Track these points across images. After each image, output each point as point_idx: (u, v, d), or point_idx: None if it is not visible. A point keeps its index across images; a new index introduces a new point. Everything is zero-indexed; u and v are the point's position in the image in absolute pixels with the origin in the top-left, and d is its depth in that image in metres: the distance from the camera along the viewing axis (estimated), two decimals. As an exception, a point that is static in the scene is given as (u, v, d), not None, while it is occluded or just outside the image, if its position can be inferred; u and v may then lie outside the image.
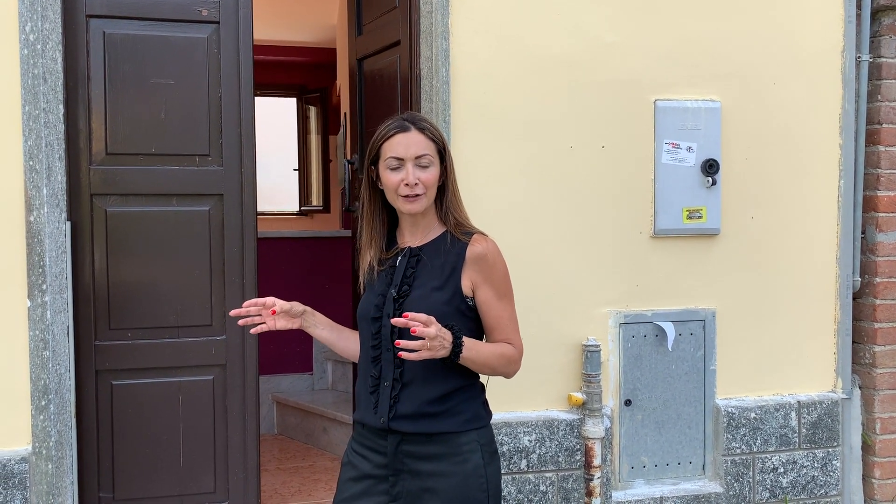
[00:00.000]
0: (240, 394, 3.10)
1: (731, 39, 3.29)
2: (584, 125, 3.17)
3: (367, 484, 1.97)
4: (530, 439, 3.14)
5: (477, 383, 2.00)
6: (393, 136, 1.93)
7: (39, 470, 2.77)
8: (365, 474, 1.97)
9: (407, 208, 1.93)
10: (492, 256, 1.95)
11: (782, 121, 3.36)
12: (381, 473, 1.95)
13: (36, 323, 2.76)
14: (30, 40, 2.74)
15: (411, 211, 1.94)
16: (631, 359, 3.25)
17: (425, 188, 1.92)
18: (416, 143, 1.92)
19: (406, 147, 1.92)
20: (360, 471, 1.98)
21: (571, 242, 3.19)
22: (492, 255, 1.95)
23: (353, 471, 2.00)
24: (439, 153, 1.96)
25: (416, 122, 1.95)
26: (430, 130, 1.95)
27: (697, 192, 3.25)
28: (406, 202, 1.93)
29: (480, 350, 1.91)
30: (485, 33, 3.07)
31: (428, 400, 1.91)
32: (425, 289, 1.93)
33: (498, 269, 1.96)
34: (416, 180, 1.91)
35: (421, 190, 1.92)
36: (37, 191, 2.75)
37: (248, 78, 3.07)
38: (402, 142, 1.92)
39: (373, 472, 1.96)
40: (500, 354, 1.95)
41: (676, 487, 3.30)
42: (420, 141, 1.93)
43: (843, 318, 3.44)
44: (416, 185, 1.91)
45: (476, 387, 2.00)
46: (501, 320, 1.96)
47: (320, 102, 8.80)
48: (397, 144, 1.93)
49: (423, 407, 1.91)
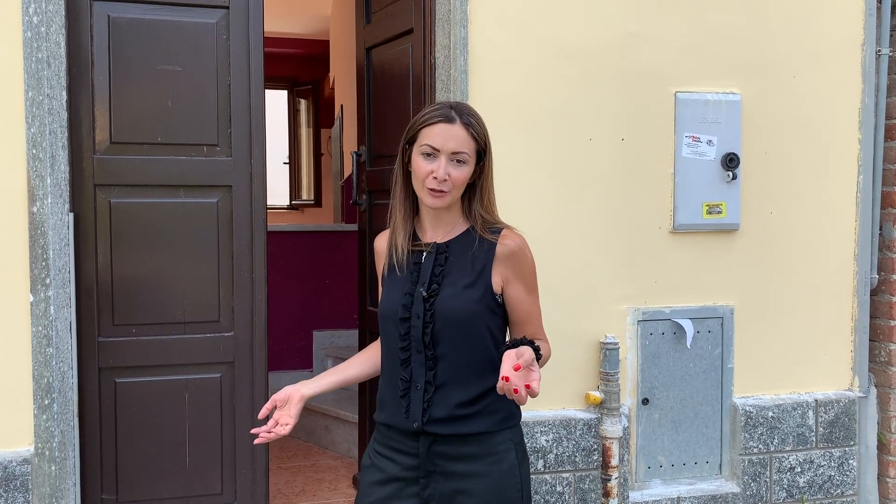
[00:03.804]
0: (248, 392, 2.99)
1: (752, 32, 3.23)
2: (604, 117, 3.10)
3: (395, 487, 1.88)
4: (547, 439, 3.06)
5: None
6: (435, 124, 1.83)
7: (42, 472, 2.66)
8: (393, 477, 1.88)
9: (429, 201, 1.84)
10: (522, 252, 1.90)
11: (802, 114, 3.30)
12: (410, 476, 1.87)
13: (39, 319, 2.65)
14: (33, 22, 2.61)
15: (433, 205, 1.84)
16: (649, 357, 3.18)
17: (452, 185, 1.83)
18: (456, 138, 1.82)
19: (445, 139, 1.82)
20: (386, 473, 1.89)
21: (589, 237, 3.11)
22: (522, 251, 1.90)
23: (378, 473, 1.90)
24: (478, 152, 1.86)
25: (463, 116, 1.84)
26: (475, 127, 1.85)
27: (717, 187, 3.19)
28: (430, 195, 1.83)
29: (543, 351, 1.89)
30: (504, 21, 2.99)
31: (462, 402, 1.84)
32: (456, 287, 1.85)
33: (528, 265, 1.91)
34: (446, 176, 1.81)
35: (448, 187, 1.82)
36: (40, 181, 2.63)
37: (259, 65, 2.96)
38: (441, 132, 1.82)
39: (401, 474, 1.87)
40: (547, 354, 1.95)
41: (693, 487, 3.24)
42: (461, 136, 1.82)
43: (861, 315, 3.40)
44: (444, 182, 1.81)
45: None
46: (532, 315, 1.93)
47: (312, 95, 8.67)
48: (437, 134, 1.82)
49: (458, 409, 1.83)
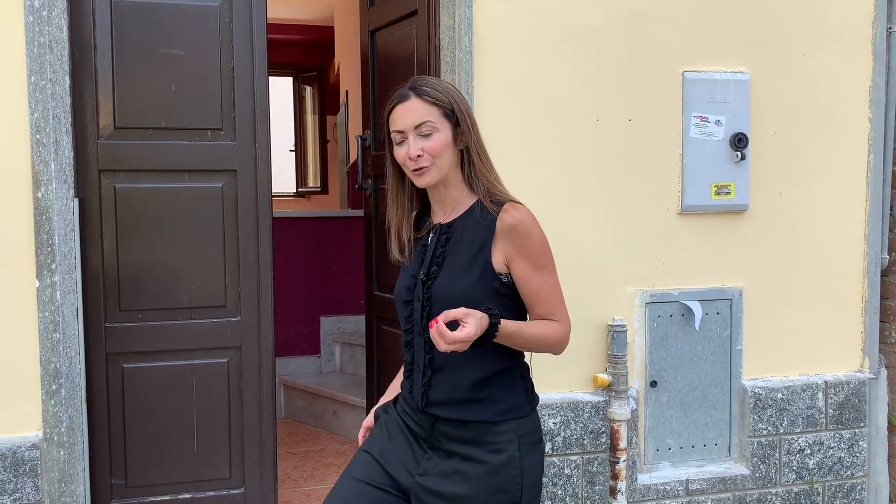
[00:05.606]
0: (255, 376, 2.99)
1: (761, 9, 3.19)
2: (611, 97, 3.07)
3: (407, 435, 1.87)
4: (555, 422, 3.05)
5: (516, 368, 1.85)
6: (394, 110, 1.81)
7: (51, 456, 2.66)
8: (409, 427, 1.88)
9: (418, 182, 1.81)
10: (524, 226, 1.77)
11: (811, 93, 3.26)
12: (420, 439, 1.86)
13: (45, 304, 2.64)
14: (35, 6, 2.60)
15: (423, 184, 1.81)
16: (657, 339, 3.16)
17: (432, 157, 1.78)
18: (414, 112, 1.78)
19: (405, 118, 1.78)
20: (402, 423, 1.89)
21: (597, 218, 3.09)
22: (524, 225, 1.77)
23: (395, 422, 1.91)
24: (448, 116, 1.80)
25: (417, 88, 1.80)
26: (431, 94, 1.79)
27: (726, 168, 3.16)
28: (416, 176, 1.80)
29: (523, 331, 1.76)
30: (509, 1, 2.95)
31: (462, 386, 1.80)
32: (454, 269, 1.80)
33: (533, 239, 1.78)
34: (420, 151, 1.77)
35: (427, 161, 1.78)
36: (44, 166, 2.62)
37: (262, 48, 2.94)
38: (401, 114, 1.79)
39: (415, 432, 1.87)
40: (542, 335, 1.79)
41: (702, 469, 3.22)
42: (418, 108, 1.78)
43: (871, 296, 3.37)
44: (419, 157, 1.77)
45: (516, 372, 1.85)
46: (542, 294, 1.80)
47: (317, 82, 8.64)
48: (398, 117, 1.80)
49: (457, 393, 1.80)
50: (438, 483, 1.79)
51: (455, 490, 1.77)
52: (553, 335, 1.81)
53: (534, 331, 1.79)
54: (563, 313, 1.83)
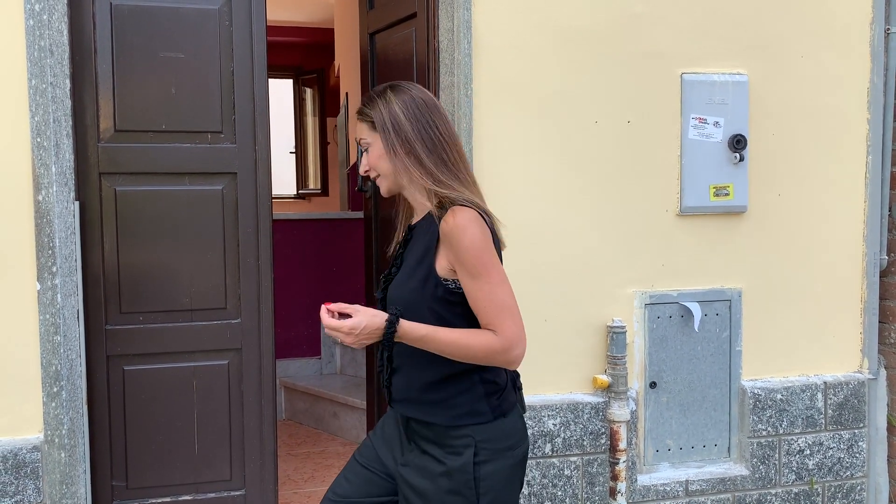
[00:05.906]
0: (256, 378, 3.00)
1: (759, 11, 3.20)
2: (610, 99, 3.08)
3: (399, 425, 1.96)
4: (555, 423, 3.06)
5: (475, 374, 1.80)
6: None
7: (52, 459, 2.67)
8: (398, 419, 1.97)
9: (381, 192, 1.90)
10: (455, 231, 1.69)
11: (810, 95, 3.27)
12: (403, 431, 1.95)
13: (46, 307, 2.65)
14: (35, 10, 2.61)
15: (383, 194, 1.90)
16: (656, 340, 3.17)
17: (375, 171, 1.87)
18: (358, 130, 1.89)
19: (357, 135, 1.90)
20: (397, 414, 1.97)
21: (596, 220, 3.10)
22: (455, 230, 1.69)
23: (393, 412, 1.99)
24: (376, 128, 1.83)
25: (359, 108, 1.88)
26: (362, 110, 1.87)
27: (724, 169, 3.16)
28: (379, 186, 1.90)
29: (435, 336, 1.72)
30: (508, 3, 2.96)
31: (419, 386, 1.84)
32: (404, 272, 1.85)
33: (465, 245, 1.69)
34: (366, 166, 1.88)
35: (374, 174, 1.88)
36: (45, 169, 2.63)
37: (262, 52, 2.95)
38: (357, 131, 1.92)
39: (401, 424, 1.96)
40: (461, 343, 1.71)
41: (702, 470, 3.23)
42: (360, 126, 1.88)
43: (870, 296, 3.37)
44: (367, 171, 1.88)
45: (474, 378, 1.80)
46: (477, 302, 1.72)
47: (317, 84, 8.65)
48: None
49: (415, 393, 1.85)
50: (411, 475, 1.85)
51: (419, 484, 1.83)
52: (479, 345, 1.72)
53: (451, 338, 1.72)
54: (503, 325, 1.72)
